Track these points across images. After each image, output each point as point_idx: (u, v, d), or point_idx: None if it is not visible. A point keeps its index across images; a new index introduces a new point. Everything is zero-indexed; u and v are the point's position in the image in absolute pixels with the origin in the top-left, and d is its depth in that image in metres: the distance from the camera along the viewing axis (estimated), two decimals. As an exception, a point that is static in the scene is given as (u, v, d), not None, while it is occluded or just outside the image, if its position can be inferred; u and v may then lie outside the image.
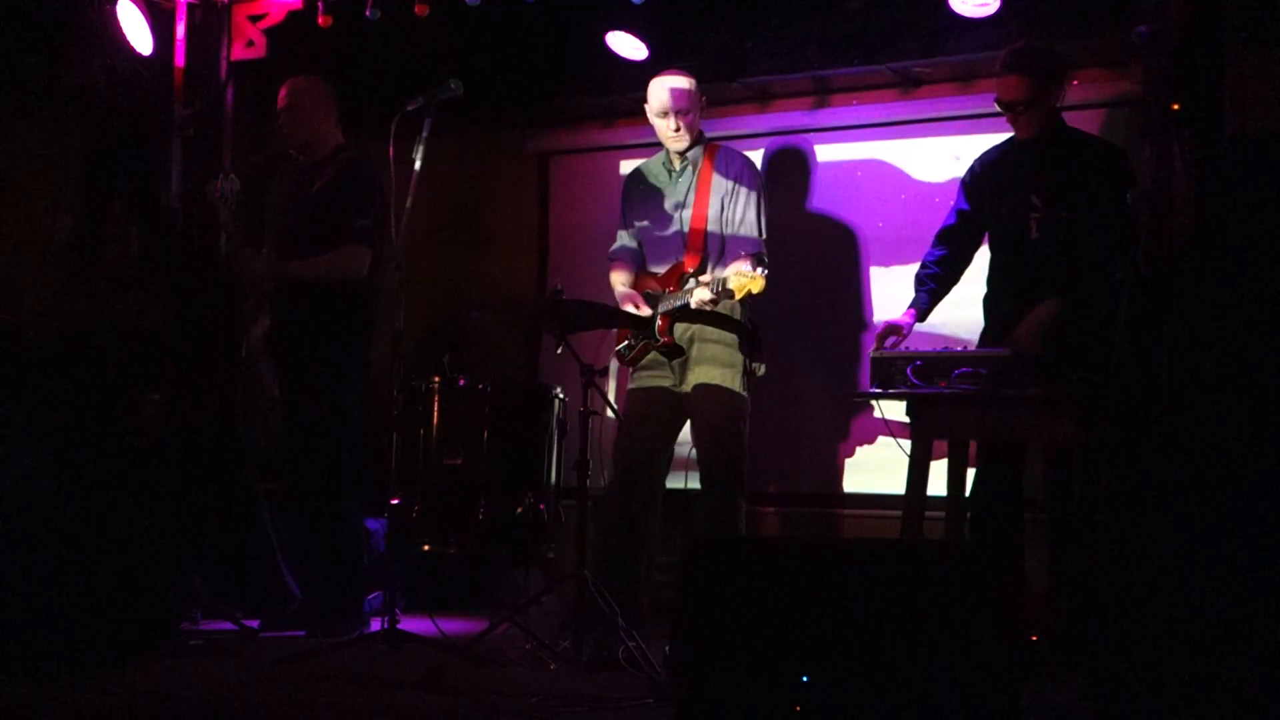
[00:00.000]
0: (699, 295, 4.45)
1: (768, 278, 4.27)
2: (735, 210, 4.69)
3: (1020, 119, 4.35)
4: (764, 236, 4.69)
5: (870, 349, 4.39)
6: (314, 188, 4.80)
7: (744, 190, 4.70)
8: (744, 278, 4.28)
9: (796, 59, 5.46)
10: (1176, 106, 3.82)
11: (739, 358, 4.63)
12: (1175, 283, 3.80)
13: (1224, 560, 3.58)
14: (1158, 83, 3.89)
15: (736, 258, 4.61)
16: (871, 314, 5.61)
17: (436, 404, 4.84)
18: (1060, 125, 4.42)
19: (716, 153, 4.79)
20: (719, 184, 4.71)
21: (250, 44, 5.31)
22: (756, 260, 4.33)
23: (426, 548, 4.72)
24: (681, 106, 4.69)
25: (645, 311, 4.66)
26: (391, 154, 4.54)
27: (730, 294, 4.36)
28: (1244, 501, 3.59)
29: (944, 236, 4.65)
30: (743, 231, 4.67)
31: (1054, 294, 4.28)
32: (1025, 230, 4.38)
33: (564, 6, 5.07)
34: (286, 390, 4.86)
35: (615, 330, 4.82)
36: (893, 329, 4.48)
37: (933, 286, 4.60)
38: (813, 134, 5.77)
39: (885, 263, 5.61)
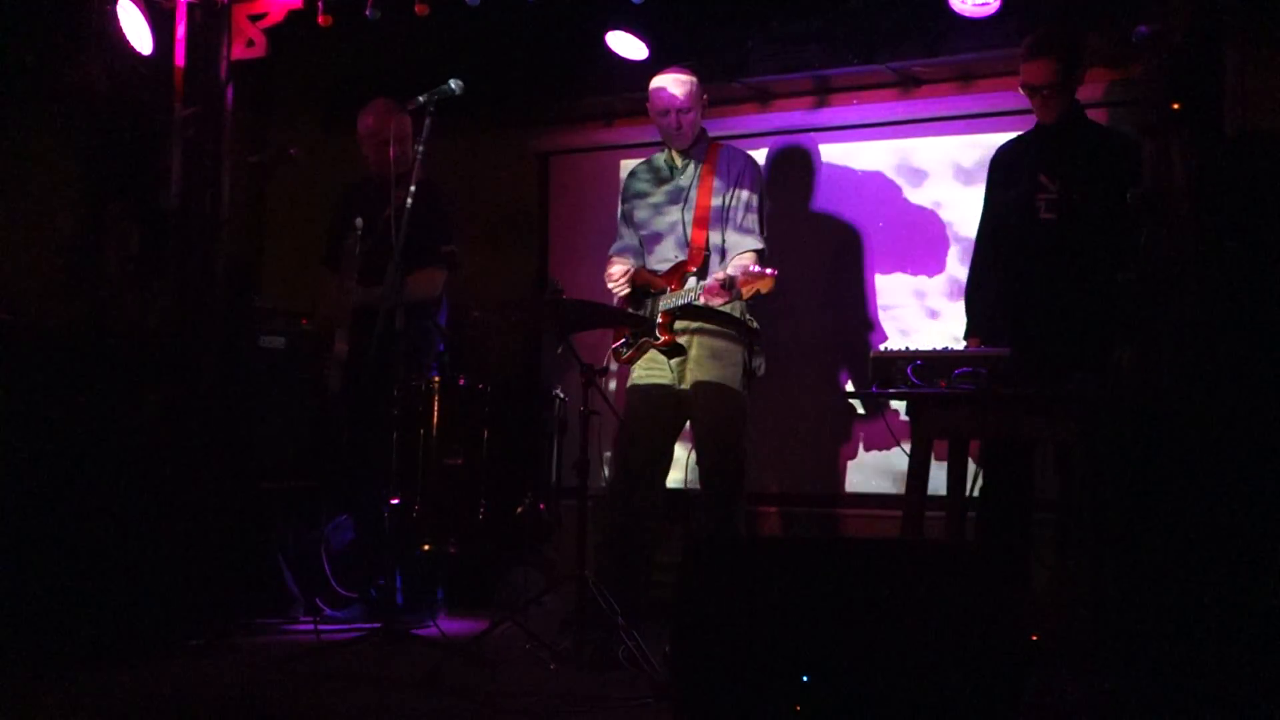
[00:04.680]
0: (707, 294, 4.43)
1: (776, 278, 4.26)
2: (737, 209, 4.68)
3: (1048, 103, 4.34)
4: (765, 235, 4.68)
5: (872, 347, 4.38)
6: (386, 211, 4.73)
7: (745, 189, 4.68)
8: (752, 278, 4.27)
9: (797, 58, 5.46)
10: (1176, 106, 3.82)
11: (739, 356, 4.62)
12: (1175, 283, 3.80)
13: (1223, 560, 3.59)
14: (1158, 83, 3.89)
15: (736, 256, 4.61)
16: (873, 313, 5.61)
17: (436, 404, 4.83)
18: (1081, 114, 4.42)
19: (719, 151, 4.78)
20: (721, 182, 4.69)
21: (250, 44, 5.30)
22: (763, 260, 4.31)
23: (426, 548, 4.71)
24: (683, 104, 4.69)
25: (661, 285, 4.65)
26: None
27: (738, 294, 4.35)
28: (1243, 501, 3.59)
29: (977, 248, 4.64)
30: (743, 230, 4.66)
31: (1061, 280, 4.26)
32: (1034, 210, 4.36)
33: (564, 6, 5.06)
34: (360, 400, 4.89)
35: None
36: None
37: (981, 305, 4.60)
38: (813, 134, 5.77)
39: (886, 262, 5.61)
